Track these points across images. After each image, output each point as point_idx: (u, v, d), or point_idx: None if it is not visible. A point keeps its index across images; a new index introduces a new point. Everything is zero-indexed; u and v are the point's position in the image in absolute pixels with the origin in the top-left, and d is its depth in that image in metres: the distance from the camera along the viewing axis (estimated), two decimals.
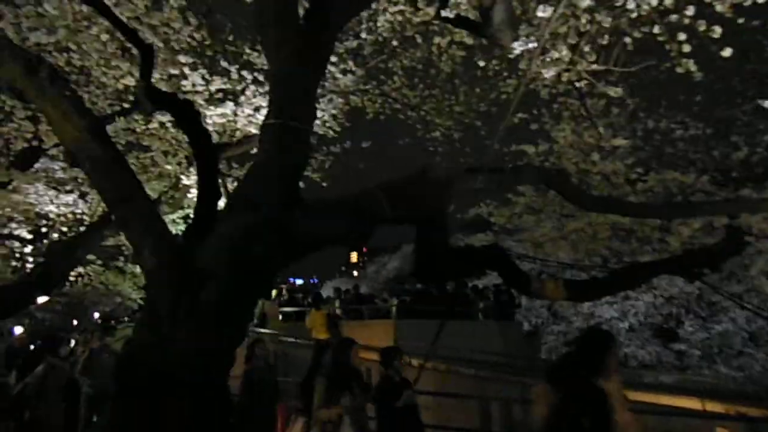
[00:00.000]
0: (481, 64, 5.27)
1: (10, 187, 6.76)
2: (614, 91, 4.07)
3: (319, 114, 6.96)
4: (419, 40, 6.79)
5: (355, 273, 46.48)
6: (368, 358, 5.66)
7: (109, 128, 5.71)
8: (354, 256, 69.51)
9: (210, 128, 6.36)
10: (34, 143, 5.91)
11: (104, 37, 5.10)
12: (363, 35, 6.64)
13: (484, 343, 10.83)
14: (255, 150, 6.56)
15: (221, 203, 3.49)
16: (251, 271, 2.70)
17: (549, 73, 4.12)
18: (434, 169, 3.36)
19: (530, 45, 4.04)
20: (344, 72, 7.31)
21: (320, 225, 2.98)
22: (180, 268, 2.65)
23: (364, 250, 59.04)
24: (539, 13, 3.41)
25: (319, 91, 4.42)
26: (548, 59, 4.08)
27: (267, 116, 3.16)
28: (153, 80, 4.30)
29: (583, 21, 3.87)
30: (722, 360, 16.89)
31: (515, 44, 4.10)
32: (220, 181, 4.54)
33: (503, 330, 13.12)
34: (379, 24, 6.38)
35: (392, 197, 3.07)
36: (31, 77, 2.80)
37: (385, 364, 4.60)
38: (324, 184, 8.39)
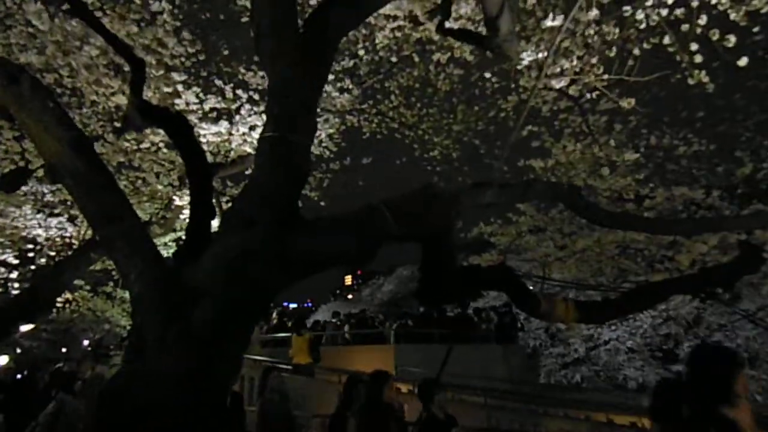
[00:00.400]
0: (487, 75, 5.16)
1: None
2: (627, 102, 3.94)
3: (315, 133, 6.83)
4: (417, 58, 6.72)
5: (350, 296, 45.90)
6: None
7: (100, 148, 5.54)
8: (348, 279, 69.02)
9: (204, 147, 6.19)
10: (21, 164, 5.71)
11: (94, 52, 4.96)
12: (360, 53, 6.55)
13: (488, 367, 10.53)
14: (250, 170, 6.40)
15: (215, 223, 3.29)
16: (247, 292, 2.49)
17: (560, 84, 3.99)
18: (439, 185, 3.18)
19: (539, 55, 3.92)
20: (341, 91, 7.22)
21: (321, 243, 2.78)
22: (169, 290, 2.44)
23: (359, 272, 58.67)
24: (548, 23, 3.30)
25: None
26: (557, 70, 3.96)
27: (264, 129, 2.99)
28: (145, 98, 4.14)
29: (591, 32, 3.77)
30: None
31: (521, 55, 3.99)
32: (214, 200, 4.35)
33: (506, 353, 12.81)
34: (376, 42, 6.29)
35: (397, 214, 2.88)
36: (12, 88, 2.63)
37: (425, 399, 4.07)
38: (322, 203, 8.23)
